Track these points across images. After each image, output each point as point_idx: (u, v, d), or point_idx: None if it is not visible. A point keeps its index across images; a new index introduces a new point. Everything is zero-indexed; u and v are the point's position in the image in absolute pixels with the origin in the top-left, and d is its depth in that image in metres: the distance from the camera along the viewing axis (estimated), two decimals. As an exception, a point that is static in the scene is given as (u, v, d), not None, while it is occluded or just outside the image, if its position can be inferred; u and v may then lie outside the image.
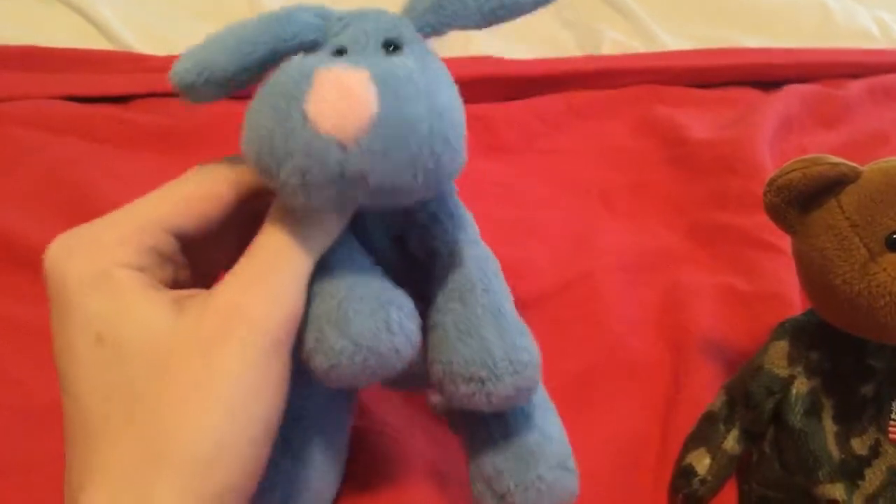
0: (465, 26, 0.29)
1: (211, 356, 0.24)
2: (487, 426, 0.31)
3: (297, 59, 0.25)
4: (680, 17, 0.89)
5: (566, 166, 0.65)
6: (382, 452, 0.39)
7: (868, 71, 0.81)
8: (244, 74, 0.27)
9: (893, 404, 0.36)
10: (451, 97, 0.27)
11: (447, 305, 0.29)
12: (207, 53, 0.26)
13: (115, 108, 0.63)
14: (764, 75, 0.79)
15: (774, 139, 0.68)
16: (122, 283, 0.25)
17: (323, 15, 0.28)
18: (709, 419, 0.40)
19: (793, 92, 0.75)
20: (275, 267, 0.26)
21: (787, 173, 0.34)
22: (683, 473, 0.38)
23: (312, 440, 0.32)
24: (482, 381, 0.27)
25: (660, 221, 0.60)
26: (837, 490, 0.35)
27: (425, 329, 0.29)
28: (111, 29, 0.73)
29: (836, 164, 0.34)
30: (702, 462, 0.38)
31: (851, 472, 0.35)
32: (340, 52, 0.26)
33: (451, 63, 0.28)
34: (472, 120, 0.30)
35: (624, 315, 0.50)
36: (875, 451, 0.35)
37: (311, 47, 0.27)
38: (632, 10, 0.88)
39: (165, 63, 0.27)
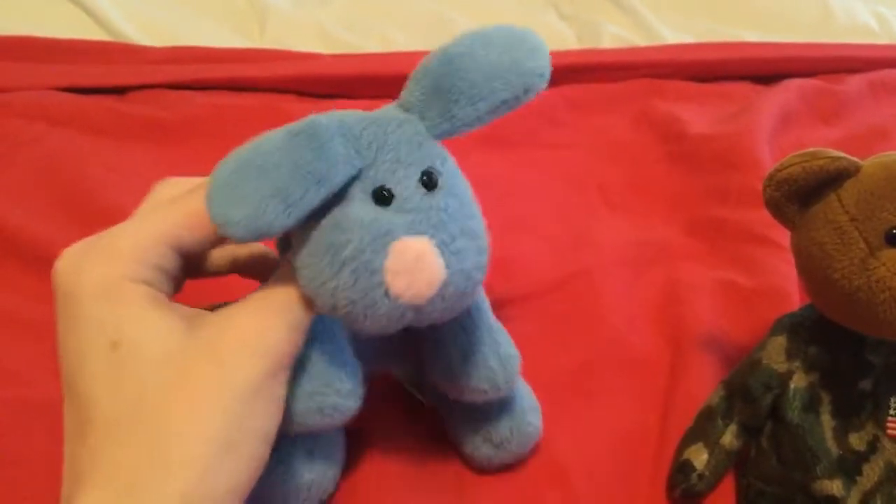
0: (472, 129, 0.31)
1: (225, 371, 0.26)
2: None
3: (364, 216, 0.27)
4: (679, 11, 0.89)
5: (565, 161, 0.65)
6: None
7: (867, 66, 0.81)
8: (293, 227, 0.27)
9: (892, 400, 0.36)
10: (480, 222, 0.30)
11: (451, 331, 0.34)
12: (256, 210, 0.25)
13: (111, 99, 0.63)
14: (763, 70, 0.79)
15: (773, 134, 0.68)
16: (134, 295, 0.27)
17: (347, 136, 0.28)
18: (707, 414, 0.39)
19: (792, 86, 0.75)
20: (292, 305, 0.29)
21: (787, 167, 0.34)
22: (681, 468, 0.38)
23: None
24: (485, 392, 0.35)
25: (658, 216, 0.60)
26: (835, 485, 0.35)
27: (427, 339, 0.35)
28: (109, 20, 0.73)
29: (837, 158, 0.34)
30: (700, 457, 0.38)
31: (849, 467, 0.35)
32: (384, 191, 0.28)
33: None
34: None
35: (622, 310, 0.50)
36: (873, 447, 0.35)
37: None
38: (631, 4, 0.88)
39: (163, 54, 0.27)
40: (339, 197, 0.27)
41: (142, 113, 0.62)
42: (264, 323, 0.28)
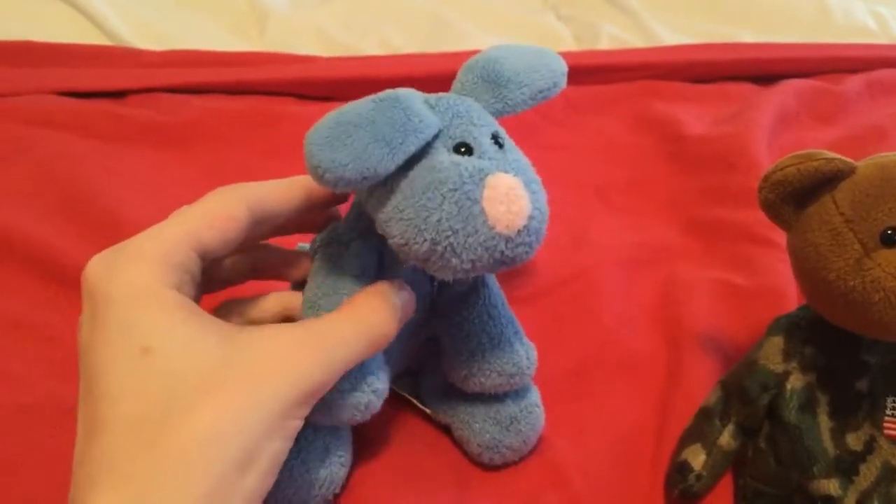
0: (516, 112, 0.35)
1: (259, 392, 0.27)
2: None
3: (456, 160, 0.30)
4: (677, 12, 0.89)
5: (563, 162, 0.65)
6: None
7: (865, 66, 0.81)
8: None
9: (888, 400, 0.36)
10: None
11: (480, 318, 0.37)
12: (363, 153, 0.28)
13: (110, 103, 0.63)
14: (761, 70, 0.79)
15: (772, 134, 0.68)
16: (167, 302, 0.28)
17: (428, 104, 0.31)
18: (704, 415, 0.40)
19: (790, 87, 0.75)
20: (339, 351, 0.30)
21: (782, 169, 0.34)
22: (679, 469, 0.38)
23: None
24: (511, 376, 0.37)
25: (657, 217, 0.60)
26: (832, 485, 0.35)
27: (451, 330, 0.37)
28: (107, 23, 0.73)
29: (831, 160, 0.34)
30: (697, 458, 0.38)
31: (846, 467, 0.35)
32: (465, 145, 0.31)
33: (448, 58, 0.29)
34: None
35: (620, 310, 0.50)
36: (869, 447, 0.35)
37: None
38: (629, 5, 0.88)
39: (161, 58, 0.27)
40: (423, 152, 0.30)
41: (140, 116, 0.62)
42: (307, 357, 0.29)
